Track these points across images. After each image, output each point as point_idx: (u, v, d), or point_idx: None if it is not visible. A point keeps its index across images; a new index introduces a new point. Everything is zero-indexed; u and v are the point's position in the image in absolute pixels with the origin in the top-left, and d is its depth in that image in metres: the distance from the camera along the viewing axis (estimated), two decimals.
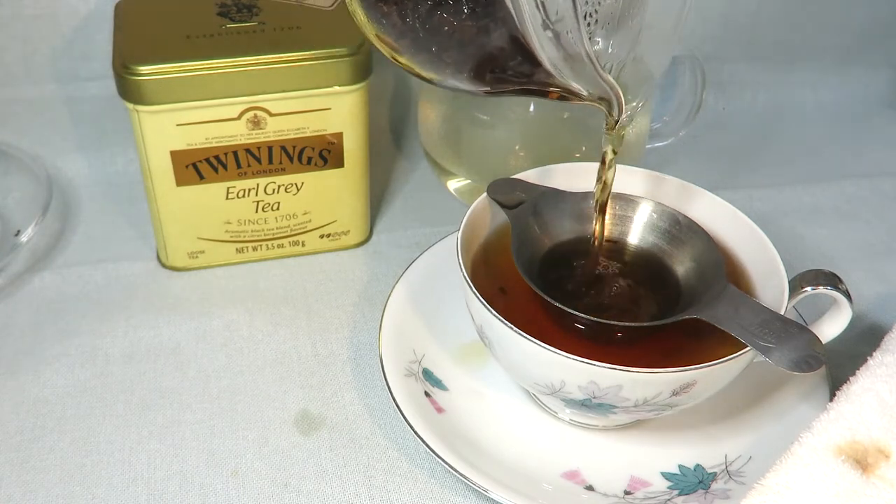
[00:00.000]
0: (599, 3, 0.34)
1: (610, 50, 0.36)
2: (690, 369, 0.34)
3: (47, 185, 0.52)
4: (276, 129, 0.46)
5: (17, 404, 0.43)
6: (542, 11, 0.30)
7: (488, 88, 0.36)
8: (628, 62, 0.38)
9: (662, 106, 0.58)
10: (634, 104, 0.38)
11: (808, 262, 0.51)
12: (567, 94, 0.34)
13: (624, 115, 0.36)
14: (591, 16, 0.34)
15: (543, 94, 0.35)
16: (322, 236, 0.52)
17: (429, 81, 0.36)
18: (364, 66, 0.46)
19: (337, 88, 0.46)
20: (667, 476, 0.39)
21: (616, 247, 0.43)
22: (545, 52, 0.32)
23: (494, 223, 0.43)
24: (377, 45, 0.35)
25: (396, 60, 0.35)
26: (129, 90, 0.43)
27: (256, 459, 0.40)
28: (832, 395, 0.39)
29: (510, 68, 0.34)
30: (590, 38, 0.33)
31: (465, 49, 0.34)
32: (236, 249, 0.51)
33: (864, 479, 0.34)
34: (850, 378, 0.39)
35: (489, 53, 0.34)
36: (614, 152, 0.38)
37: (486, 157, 0.54)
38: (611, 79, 0.34)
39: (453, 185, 0.57)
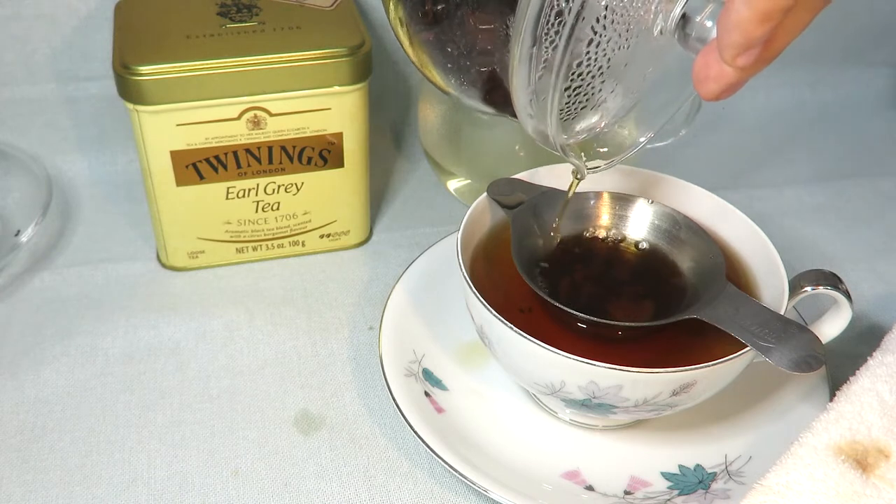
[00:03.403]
0: (592, 93, 0.36)
1: (608, 103, 0.37)
2: (690, 369, 0.34)
3: (47, 185, 0.52)
4: (276, 129, 0.46)
5: (17, 404, 0.43)
6: (532, 93, 0.34)
7: (490, 111, 0.40)
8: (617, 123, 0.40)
9: None
10: (605, 165, 0.41)
11: (808, 262, 0.51)
12: None
13: (582, 177, 0.40)
14: (579, 104, 0.36)
15: None
16: (322, 236, 0.52)
17: (447, 93, 0.40)
18: (364, 66, 0.46)
19: (337, 88, 0.46)
20: (667, 476, 0.39)
21: (616, 247, 0.43)
22: (526, 125, 0.36)
23: (494, 223, 0.43)
24: (407, 48, 0.40)
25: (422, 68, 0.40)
26: (129, 90, 0.43)
27: (256, 459, 0.40)
28: (832, 395, 0.39)
29: (504, 105, 0.37)
30: (564, 119, 0.36)
31: (473, 67, 0.37)
32: (236, 249, 0.51)
33: (864, 479, 0.34)
34: (850, 378, 0.39)
35: (490, 82, 0.38)
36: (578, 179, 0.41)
37: (486, 157, 0.54)
38: (574, 160, 0.38)
39: (453, 185, 0.57)
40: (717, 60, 0.30)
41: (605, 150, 0.42)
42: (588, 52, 0.33)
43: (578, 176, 0.40)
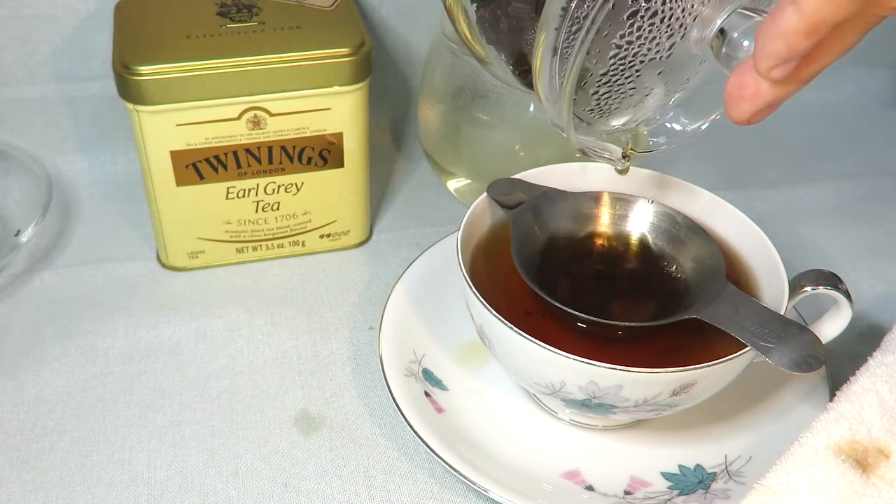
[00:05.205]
0: (623, 98, 0.35)
1: (646, 104, 0.37)
2: (690, 369, 0.34)
3: (47, 185, 0.52)
4: (276, 129, 0.46)
5: (17, 404, 0.43)
6: (554, 100, 0.33)
7: (519, 85, 0.39)
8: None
9: None
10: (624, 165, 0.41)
11: (808, 262, 0.51)
12: None
13: (618, 165, 0.40)
14: (611, 106, 0.35)
15: None
16: (322, 236, 0.52)
17: (481, 59, 0.39)
18: (364, 66, 0.46)
19: (337, 88, 0.46)
20: (667, 476, 0.39)
21: (616, 247, 0.43)
22: (548, 113, 0.35)
23: (494, 223, 0.43)
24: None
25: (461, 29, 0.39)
26: (129, 90, 0.43)
27: (256, 459, 0.40)
28: (832, 395, 0.39)
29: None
30: (598, 117, 0.36)
31: (512, 39, 0.37)
32: (236, 249, 0.51)
33: (864, 479, 0.34)
34: (850, 378, 0.39)
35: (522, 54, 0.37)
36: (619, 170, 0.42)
37: (486, 157, 0.54)
38: (598, 159, 0.38)
39: (453, 185, 0.57)
40: (754, 79, 0.29)
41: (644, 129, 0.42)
42: (613, 63, 0.33)
43: (618, 168, 0.40)
